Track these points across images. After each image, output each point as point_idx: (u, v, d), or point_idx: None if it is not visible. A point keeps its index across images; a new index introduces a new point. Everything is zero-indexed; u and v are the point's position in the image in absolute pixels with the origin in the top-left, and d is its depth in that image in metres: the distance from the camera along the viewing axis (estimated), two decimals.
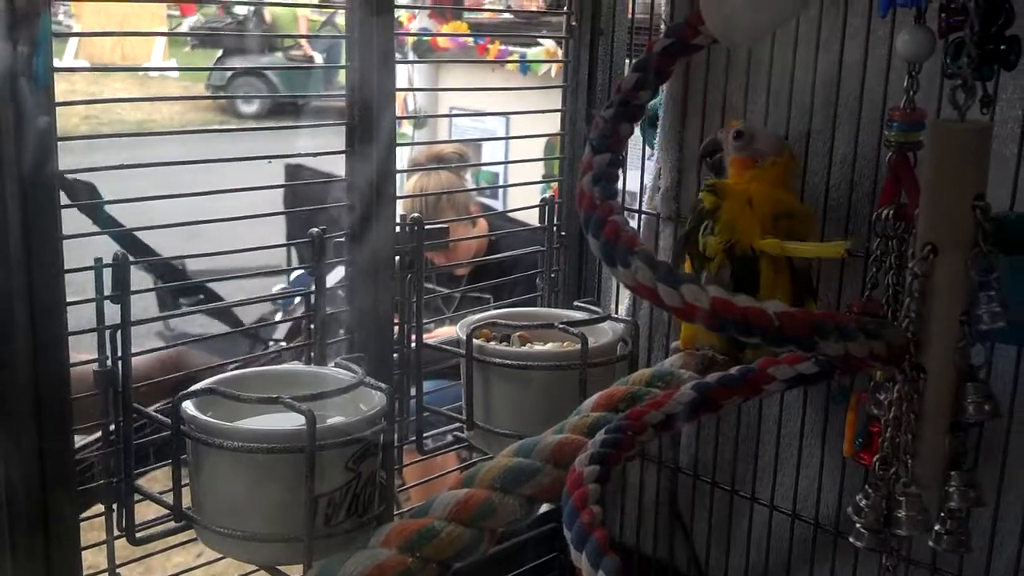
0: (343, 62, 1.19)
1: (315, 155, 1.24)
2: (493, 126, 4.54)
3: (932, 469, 0.81)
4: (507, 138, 2.37)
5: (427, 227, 1.25)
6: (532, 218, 2.11)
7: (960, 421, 0.81)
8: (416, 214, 1.24)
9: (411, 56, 5.66)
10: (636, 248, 0.75)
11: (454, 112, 4.62)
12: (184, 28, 10.19)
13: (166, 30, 10.31)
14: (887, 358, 0.76)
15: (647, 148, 1.45)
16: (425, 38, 5.96)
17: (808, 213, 1.20)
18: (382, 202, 1.20)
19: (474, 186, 3.63)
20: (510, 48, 4.88)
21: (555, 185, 1.52)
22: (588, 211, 0.78)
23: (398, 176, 1.25)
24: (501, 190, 3.88)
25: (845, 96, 1.20)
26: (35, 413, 0.97)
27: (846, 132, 1.22)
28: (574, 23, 1.40)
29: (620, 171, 0.85)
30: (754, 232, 1.13)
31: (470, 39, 4.99)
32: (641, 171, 1.45)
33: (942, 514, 0.83)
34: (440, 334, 2.01)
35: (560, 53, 1.47)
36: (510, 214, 2.71)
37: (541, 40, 4.51)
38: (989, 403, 0.80)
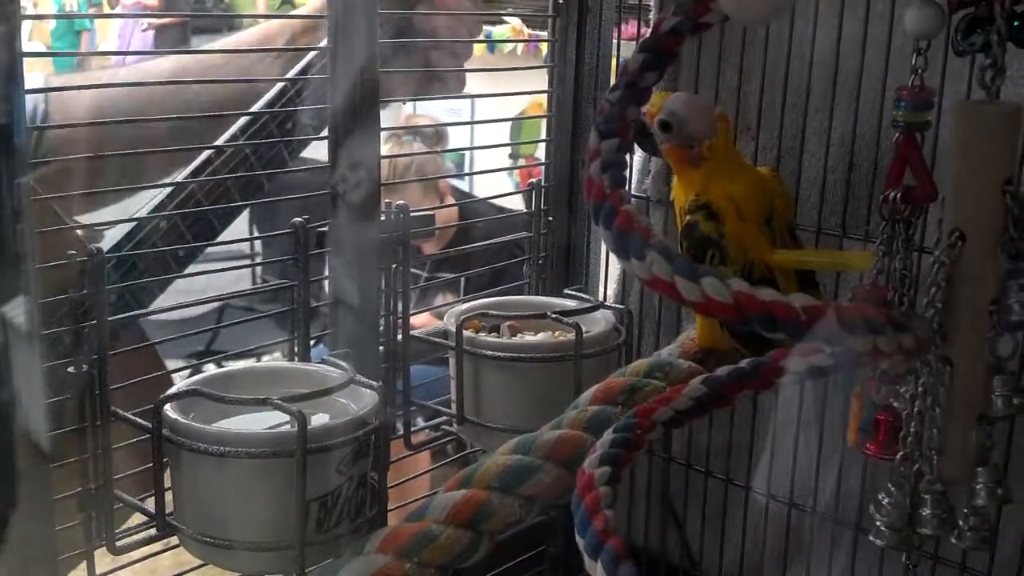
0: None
1: (300, 140, 1.19)
2: (458, 106, 4.46)
3: (959, 465, 0.78)
4: (489, 121, 2.30)
5: (413, 214, 1.20)
6: (508, 203, 2.06)
7: (987, 415, 0.77)
8: (401, 200, 1.19)
9: None
10: (651, 239, 0.70)
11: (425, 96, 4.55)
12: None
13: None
14: (915, 351, 0.73)
15: None
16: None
17: (781, 189, 1.14)
18: (367, 188, 1.15)
19: (447, 168, 3.57)
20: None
21: (520, 171, 1.47)
22: (598, 201, 0.74)
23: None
24: (468, 173, 3.83)
25: (844, 74, 1.17)
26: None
27: (844, 111, 1.18)
28: (561, 0, 1.35)
29: (628, 157, 0.80)
30: (762, 246, 1.06)
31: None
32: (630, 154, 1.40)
33: (966, 511, 0.80)
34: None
35: (526, 32, 1.42)
36: (485, 199, 2.66)
37: (507, 18, 4.43)
38: (1018, 396, 0.76)
